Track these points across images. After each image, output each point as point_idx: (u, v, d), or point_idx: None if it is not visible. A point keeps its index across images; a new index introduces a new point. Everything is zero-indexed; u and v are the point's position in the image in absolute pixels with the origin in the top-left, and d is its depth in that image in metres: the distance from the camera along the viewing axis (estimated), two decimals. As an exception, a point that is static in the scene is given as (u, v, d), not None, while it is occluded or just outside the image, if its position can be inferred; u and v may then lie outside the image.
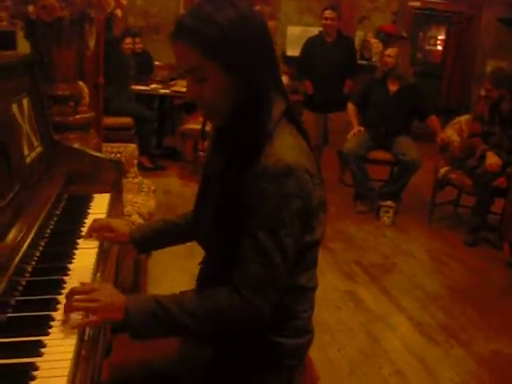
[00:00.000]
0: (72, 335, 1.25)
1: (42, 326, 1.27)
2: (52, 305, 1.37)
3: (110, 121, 5.15)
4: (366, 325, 3.29)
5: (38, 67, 2.20)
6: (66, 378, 1.10)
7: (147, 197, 3.41)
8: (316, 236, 1.44)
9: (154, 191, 3.58)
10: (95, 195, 2.23)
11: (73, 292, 1.34)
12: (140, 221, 2.97)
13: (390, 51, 5.16)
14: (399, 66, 5.11)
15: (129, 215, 2.96)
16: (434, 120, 5.26)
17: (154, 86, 6.54)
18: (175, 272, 3.59)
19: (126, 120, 5.77)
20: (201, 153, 6.39)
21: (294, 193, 1.30)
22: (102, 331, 1.43)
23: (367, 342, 3.11)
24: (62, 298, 1.40)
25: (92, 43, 2.56)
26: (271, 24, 4.86)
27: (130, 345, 1.58)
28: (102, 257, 1.71)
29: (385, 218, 5.05)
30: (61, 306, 1.37)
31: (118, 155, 3.57)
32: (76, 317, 1.31)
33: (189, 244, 1.69)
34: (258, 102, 1.33)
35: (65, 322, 1.30)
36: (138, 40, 7.00)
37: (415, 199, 5.64)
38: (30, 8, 2.12)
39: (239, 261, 1.33)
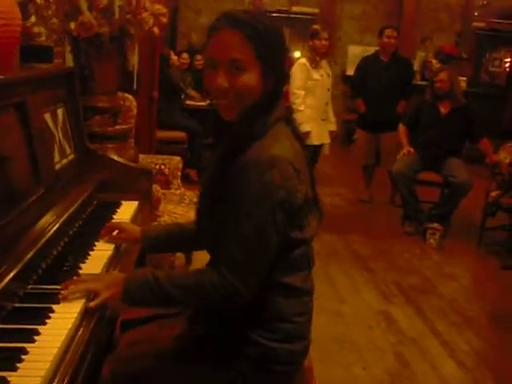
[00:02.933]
0: (68, 325, 1.35)
1: (41, 316, 1.37)
2: (54, 298, 1.46)
3: (163, 134, 5.34)
4: (396, 346, 3.26)
5: (78, 80, 2.36)
6: (50, 363, 1.20)
7: (187, 208, 3.52)
8: (305, 234, 1.49)
9: (196, 203, 3.67)
10: (124, 202, 2.34)
11: (76, 280, 1.54)
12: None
13: (442, 75, 5.07)
14: (452, 89, 5.06)
15: (164, 224, 3.06)
16: (485, 142, 5.14)
17: (210, 101, 6.72)
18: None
19: (180, 134, 5.95)
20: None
21: (276, 182, 1.36)
22: (106, 325, 1.53)
23: (394, 363, 3.08)
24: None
25: (134, 58, 2.70)
26: (320, 43, 4.93)
27: (137, 344, 1.67)
28: (115, 259, 1.81)
29: (431, 241, 4.98)
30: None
31: (162, 167, 3.71)
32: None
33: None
34: (273, 101, 1.46)
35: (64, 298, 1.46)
36: (199, 57, 7.21)
37: (465, 223, 5.52)
38: (72, 25, 2.27)
39: (221, 242, 1.42)
